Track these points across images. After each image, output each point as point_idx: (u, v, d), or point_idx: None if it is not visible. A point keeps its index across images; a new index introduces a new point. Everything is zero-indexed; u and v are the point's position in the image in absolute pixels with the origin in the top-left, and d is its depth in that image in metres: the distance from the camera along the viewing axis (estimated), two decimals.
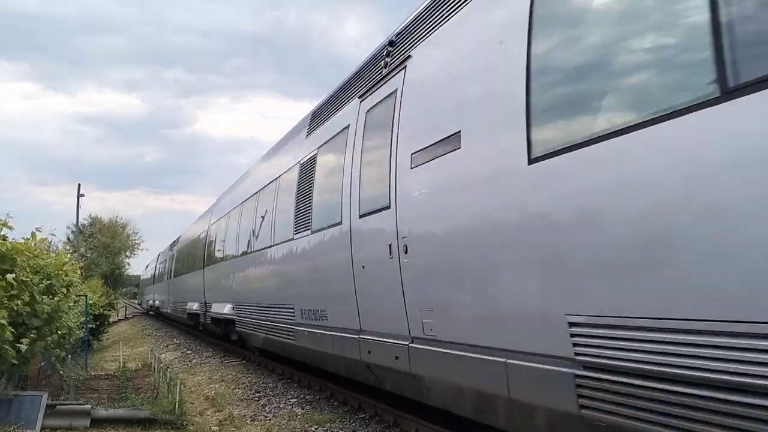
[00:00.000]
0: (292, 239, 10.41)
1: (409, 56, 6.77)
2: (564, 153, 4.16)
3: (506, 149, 4.75)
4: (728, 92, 3.16)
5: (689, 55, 3.53)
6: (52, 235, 12.63)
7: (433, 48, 6.33)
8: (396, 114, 6.70)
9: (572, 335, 4.11)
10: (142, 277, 67.06)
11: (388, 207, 6.78)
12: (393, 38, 7.51)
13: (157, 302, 41.64)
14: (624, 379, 3.75)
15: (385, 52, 7.64)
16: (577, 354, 4.09)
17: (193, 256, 24.09)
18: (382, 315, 7.24)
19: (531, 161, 4.48)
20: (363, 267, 7.56)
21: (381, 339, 7.25)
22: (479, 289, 5.33)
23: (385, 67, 7.44)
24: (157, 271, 43.45)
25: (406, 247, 6.41)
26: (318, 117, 10.47)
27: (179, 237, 32.81)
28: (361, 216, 7.64)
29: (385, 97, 7.17)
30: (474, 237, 5.29)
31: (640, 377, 3.66)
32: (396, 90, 6.84)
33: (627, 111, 3.82)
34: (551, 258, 4.34)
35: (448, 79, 5.88)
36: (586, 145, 3.98)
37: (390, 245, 6.74)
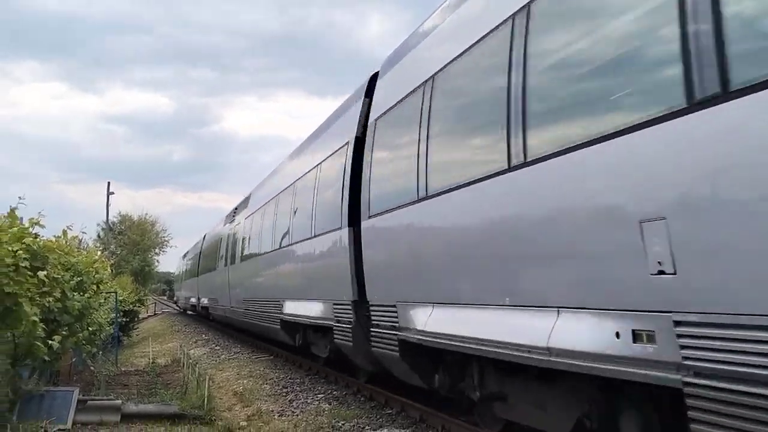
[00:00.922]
0: None
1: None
2: None
3: None
4: None
5: None
6: (82, 233, 12.80)
7: None
8: None
9: None
10: (177, 271, 56.29)
11: None
12: None
13: (204, 300, 29.23)
14: None
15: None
16: None
17: (302, 213, 12.27)
18: None
19: None
20: None
21: None
22: None
23: None
24: (203, 258, 30.92)
25: None
26: None
27: (249, 196, 20.59)
28: None
29: None
30: None
31: None
32: None
33: None
34: None
35: None
36: None
37: None
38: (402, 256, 7.84)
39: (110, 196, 47.90)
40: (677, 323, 3.74)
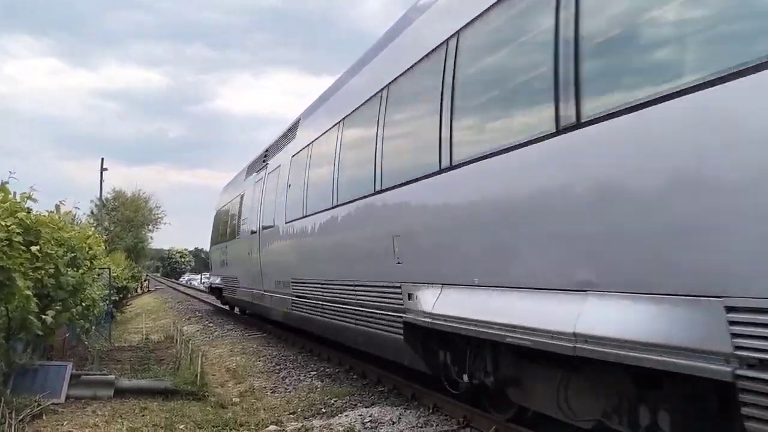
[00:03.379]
0: None
1: None
2: None
3: None
4: None
5: None
6: (76, 208, 12.76)
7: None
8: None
9: None
10: (216, 222, 24.50)
11: None
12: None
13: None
14: None
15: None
16: None
17: None
18: None
19: None
20: None
21: None
22: None
23: None
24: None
25: None
26: None
27: None
28: None
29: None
30: None
31: None
32: None
33: None
34: None
35: None
36: None
37: None
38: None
39: (104, 172, 47.66)
40: None
